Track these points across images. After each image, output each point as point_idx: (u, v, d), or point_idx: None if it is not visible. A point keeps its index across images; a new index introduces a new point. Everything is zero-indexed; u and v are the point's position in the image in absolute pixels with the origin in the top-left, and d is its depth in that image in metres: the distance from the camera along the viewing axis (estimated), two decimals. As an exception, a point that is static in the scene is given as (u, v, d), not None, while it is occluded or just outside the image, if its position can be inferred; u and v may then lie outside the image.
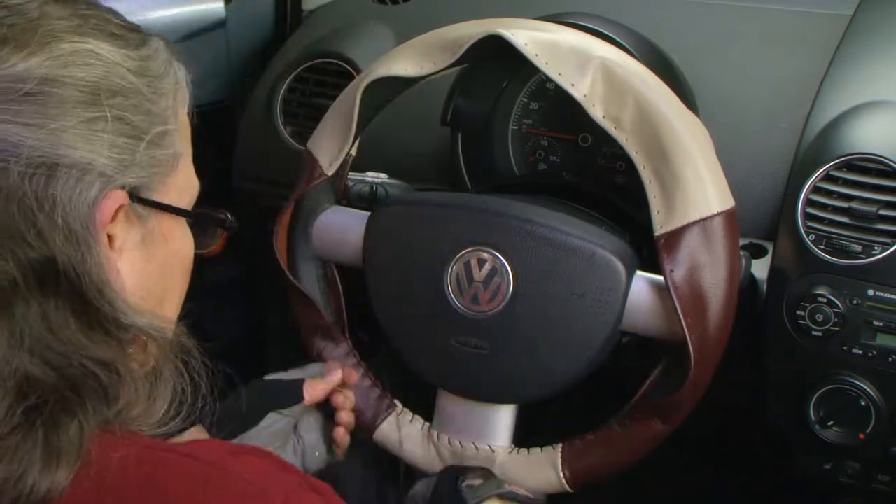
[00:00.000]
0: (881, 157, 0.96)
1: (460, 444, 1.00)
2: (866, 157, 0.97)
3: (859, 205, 0.96)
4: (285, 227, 1.06)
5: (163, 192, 0.62)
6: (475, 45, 0.93)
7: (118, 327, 0.58)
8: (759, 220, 1.06)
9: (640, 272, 0.92)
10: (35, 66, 0.55)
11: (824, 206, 0.98)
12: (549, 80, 0.94)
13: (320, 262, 1.08)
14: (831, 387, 0.98)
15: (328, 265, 1.08)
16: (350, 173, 1.09)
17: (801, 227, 0.98)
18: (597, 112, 0.90)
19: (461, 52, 0.94)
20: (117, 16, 0.62)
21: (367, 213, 1.02)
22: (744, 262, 0.96)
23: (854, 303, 0.96)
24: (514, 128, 1.24)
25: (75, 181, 0.55)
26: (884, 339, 0.96)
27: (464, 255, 0.94)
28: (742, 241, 0.99)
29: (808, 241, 0.98)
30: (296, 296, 1.06)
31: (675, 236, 0.86)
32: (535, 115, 1.23)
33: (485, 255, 0.93)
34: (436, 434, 1.02)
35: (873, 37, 1.13)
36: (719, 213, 0.86)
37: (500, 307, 0.93)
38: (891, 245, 0.95)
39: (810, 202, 0.99)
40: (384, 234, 1.00)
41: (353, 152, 1.06)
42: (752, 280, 1.01)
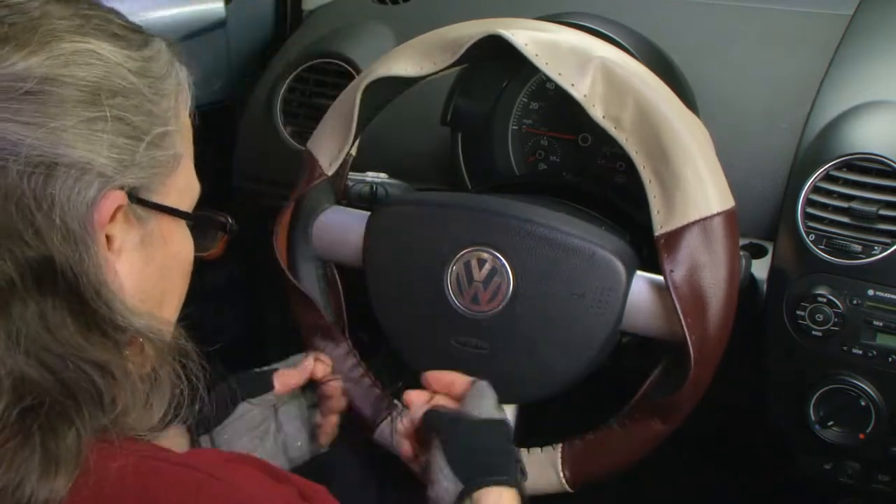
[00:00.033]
0: (881, 157, 0.96)
1: (460, 444, 1.00)
2: (866, 157, 0.97)
3: (859, 205, 0.96)
4: (285, 227, 1.06)
5: (163, 193, 0.62)
6: (475, 45, 0.93)
7: (115, 329, 0.57)
8: (759, 220, 1.06)
9: (640, 272, 0.92)
10: (35, 64, 0.55)
11: (824, 206, 0.98)
12: (549, 80, 0.94)
13: (320, 262, 1.07)
14: (831, 387, 0.98)
15: (328, 265, 1.08)
16: (350, 173, 1.09)
17: (801, 227, 0.98)
18: (597, 112, 0.90)
19: (461, 52, 0.94)
20: (119, 16, 0.62)
21: (367, 213, 1.02)
22: (744, 262, 0.96)
23: (854, 303, 0.96)
24: (514, 128, 1.24)
25: (74, 181, 0.55)
26: (884, 339, 0.96)
27: (464, 255, 0.94)
28: (742, 241, 0.99)
29: (808, 241, 0.98)
30: (296, 296, 1.06)
31: (675, 236, 0.86)
32: (535, 115, 1.23)
33: (485, 255, 0.93)
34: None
35: (873, 37, 1.13)
36: (719, 213, 0.86)
37: (500, 307, 0.93)
38: (891, 245, 0.95)
39: (810, 202, 0.99)
40: (384, 234, 1.00)
41: (353, 152, 1.05)
42: (752, 280, 1.01)
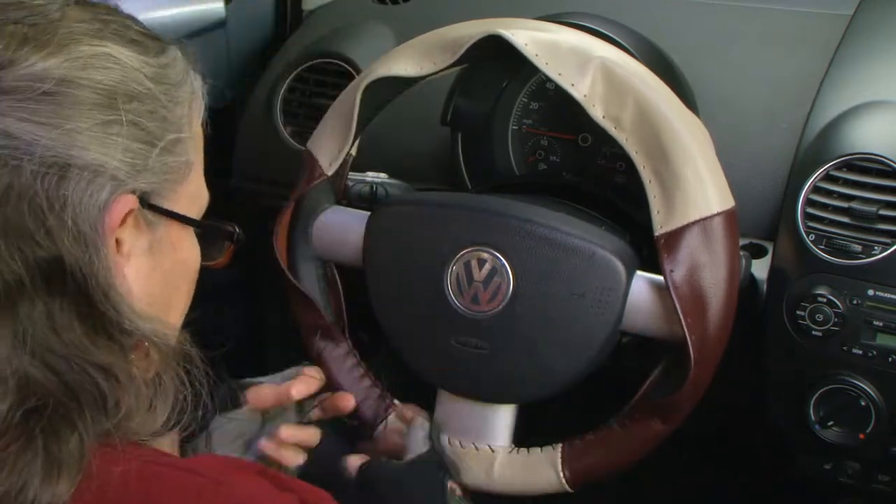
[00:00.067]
0: (881, 157, 0.96)
1: (460, 443, 1.00)
2: (866, 157, 0.97)
3: (859, 205, 0.96)
4: (285, 227, 1.06)
5: (173, 200, 0.62)
6: (475, 45, 0.93)
7: (122, 332, 0.57)
8: (759, 220, 1.06)
9: (640, 272, 0.92)
10: (54, 66, 0.55)
11: (824, 206, 0.98)
12: (549, 80, 0.94)
13: (320, 262, 1.07)
14: (831, 387, 0.98)
15: (328, 265, 1.08)
16: (350, 173, 1.09)
17: (801, 227, 0.98)
18: (597, 112, 0.90)
19: (461, 52, 0.94)
20: (137, 23, 0.62)
21: (367, 213, 1.02)
22: (744, 262, 0.96)
23: (854, 303, 0.96)
24: (514, 128, 1.24)
25: (87, 183, 0.55)
26: (884, 339, 0.96)
27: (464, 255, 0.94)
28: (742, 241, 0.99)
29: (808, 241, 0.98)
30: (296, 296, 1.06)
31: (675, 236, 0.86)
32: (535, 115, 1.22)
33: (485, 255, 0.93)
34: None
35: (873, 37, 1.13)
36: (719, 213, 0.86)
37: (500, 307, 0.93)
38: (891, 245, 0.95)
39: (810, 202, 0.99)
40: (384, 234, 1.00)
41: (353, 152, 1.05)
42: (752, 280, 1.01)
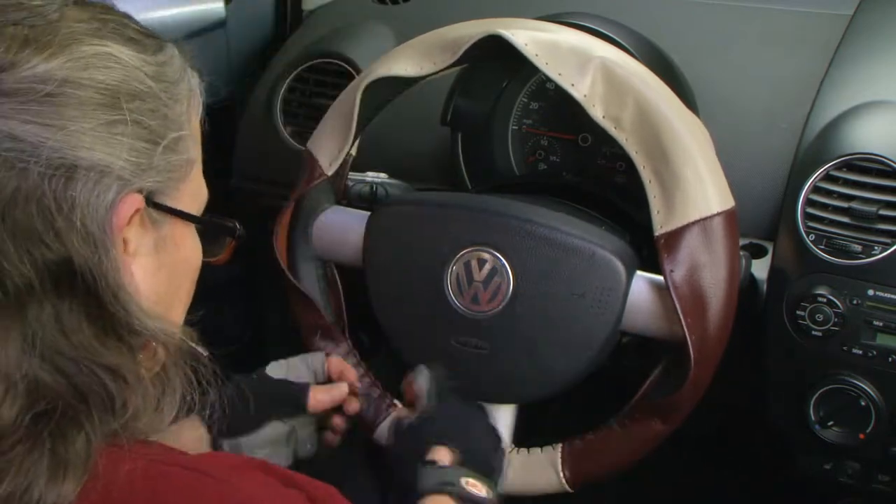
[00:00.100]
0: (881, 157, 0.96)
1: (460, 444, 1.00)
2: (866, 157, 0.97)
3: (859, 205, 0.96)
4: (285, 227, 1.06)
5: (176, 197, 0.62)
6: (475, 45, 0.93)
7: (130, 332, 0.57)
8: (759, 220, 1.06)
9: (640, 272, 0.92)
10: (56, 67, 0.55)
11: (824, 206, 0.98)
12: (549, 80, 0.94)
13: (320, 262, 1.07)
14: (831, 387, 0.98)
15: (328, 265, 1.08)
16: (350, 173, 1.09)
17: (801, 227, 0.98)
18: (597, 112, 0.90)
19: (461, 52, 0.94)
20: (134, 21, 0.62)
21: (367, 213, 1.02)
22: (744, 262, 0.96)
23: (854, 303, 0.96)
24: (514, 128, 1.24)
25: (94, 183, 0.55)
26: (884, 339, 0.96)
27: (464, 255, 0.94)
28: (742, 241, 0.99)
29: (808, 241, 0.98)
30: (296, 296, 1.06)
31: (675, 236, 0.86)
32: (535, 115, 1.22)
33: (485, 255, 0.93)
34: (436, 434, 1.02)
35: (873, 37, 1.13)
36: (719, 213, 0.86)
37: (500, 307, 0.93)
38: (891, 245, 0.95)
39: (810, 202, 0.99)
40: (384, 234, 1.00)
41: (353, 152, 1.05)
42: (752, 280, 1.01)
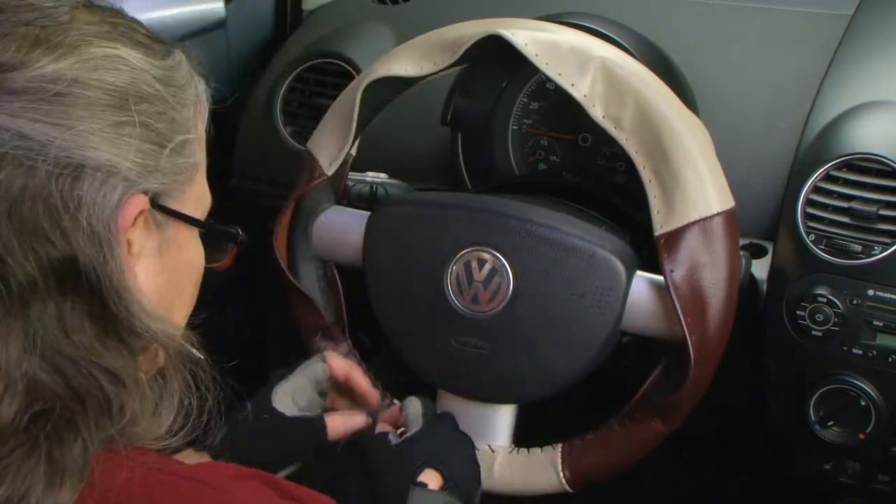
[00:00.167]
0: (881, 157, 0.96)
1: (460, 444, 1.00)
2: (866, 157, 0.97)
3: (859, 205, 0.96)
4: (285, 227, 1.06)
5: (181, 201, 0.63)
6: (475, 45, 0.93)
7: (132, 334, 0.58)
8: (759, 220, 1.06)
9: (640, 272, 0.92)
10: (66, 67, 0.55)
11: (824, 206, 0.98)
12: (549, 80, 0.94)
13: (320, 262, 1.07)
14: (831, 387, 0.98)
15: (328, 265, 1.08)
16: (350, 173, 1.09)
17: (801, 227, 0.98)
18: (597, 112, 0.90)
19: (461, 52, 0.94)
20: (142, 26, 0.63)
21: (367, 213, 1.02)
22: (744, 262, 0.96)
23: (854, 303, 0.96)
24: (514, 128, 1.24)
25: (100, 183, 0.56)
26: (884, 339, 0.96)
27: (464, 255, 0.94)
28: (742, 241, 0.99)
29: (808, 241, 0.98)
30: (296, 296, 1.06)
31: (675, 236, 0.86)
32: (535, 115, 1.22)
33: (485, 255, 0.93)
34: (436, 434, 1.02)
35: (873, 37, 1.13)
36: (719, 213, 0.86)
37: (500, 307, 0.93)
38: (891, 245, 0.95)
39: (810, 202, 0.99)
40: (384, 234, 1.00)
41: (353, 152, 1.06)
42: (752, 280, 1.01)
